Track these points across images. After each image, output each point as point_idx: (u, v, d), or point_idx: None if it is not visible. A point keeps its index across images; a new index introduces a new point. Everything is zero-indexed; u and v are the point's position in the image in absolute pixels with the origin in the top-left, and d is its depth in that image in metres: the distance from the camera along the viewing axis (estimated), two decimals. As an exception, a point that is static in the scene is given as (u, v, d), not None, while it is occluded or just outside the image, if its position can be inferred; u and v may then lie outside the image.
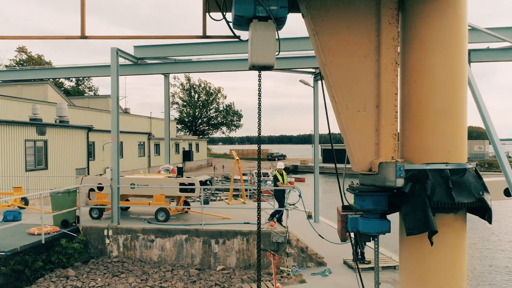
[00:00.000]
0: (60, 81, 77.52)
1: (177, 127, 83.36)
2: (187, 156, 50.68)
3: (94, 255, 11.74)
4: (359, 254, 11.35)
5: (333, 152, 3.85)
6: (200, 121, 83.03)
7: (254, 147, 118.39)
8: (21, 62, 58.79)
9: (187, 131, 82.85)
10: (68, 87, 79.55)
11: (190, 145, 54.03)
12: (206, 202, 16.21)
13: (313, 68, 16.22)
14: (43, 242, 10.45)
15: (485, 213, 3.01)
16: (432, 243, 2.75)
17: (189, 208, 13.84)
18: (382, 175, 2.82)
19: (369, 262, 11.04)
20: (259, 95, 3.67)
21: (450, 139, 2.77)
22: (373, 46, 2.93)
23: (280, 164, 13.08)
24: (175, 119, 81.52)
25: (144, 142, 41.09)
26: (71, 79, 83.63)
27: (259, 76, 3.64)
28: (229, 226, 11.71)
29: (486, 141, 57.27)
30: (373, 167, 2.89)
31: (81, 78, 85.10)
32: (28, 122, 21.19)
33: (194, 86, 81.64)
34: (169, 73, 14.86)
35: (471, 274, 14.40)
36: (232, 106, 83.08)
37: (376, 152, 2.90)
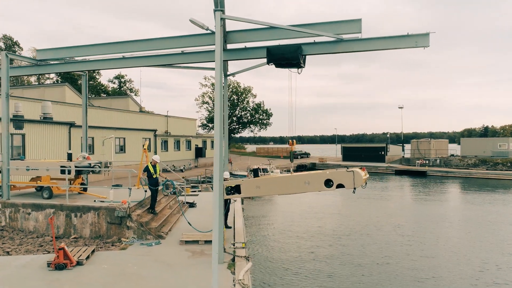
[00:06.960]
0: (101, 82, 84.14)
1: (208, 125, 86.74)
2: (199, 152, 53.29)
3: (-13, 225, 14.20)
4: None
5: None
6: (230, 120, 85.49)
7: (296, 146, 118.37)
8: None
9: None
10: (110, 89, 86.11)
11: (204, 142, 56.55)
12: (118, 185, 18.26)
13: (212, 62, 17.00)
14: None
15: None
16: None
17: (85, 190, 15.95)
18: None
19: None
20: None
21: None
22: None
23: (156, 157, 14.21)
24: (205, 117, 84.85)
25: (150, 139, 44.08)
26: (114, 81, 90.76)
27: None
28: (87, 203, 13.60)
29: (511, 138, 53.65)
30: None
31: (123, 80, 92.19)
32: (7, 118, 24.50)
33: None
34: (76, 71, 16.99)
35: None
36: (262, 105, 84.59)
37: None
